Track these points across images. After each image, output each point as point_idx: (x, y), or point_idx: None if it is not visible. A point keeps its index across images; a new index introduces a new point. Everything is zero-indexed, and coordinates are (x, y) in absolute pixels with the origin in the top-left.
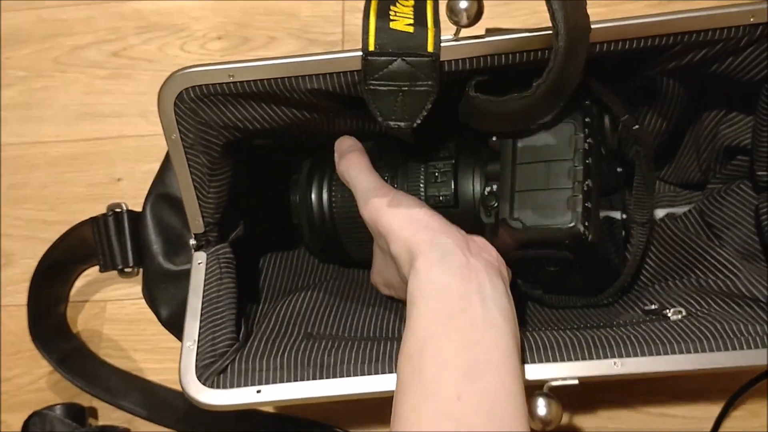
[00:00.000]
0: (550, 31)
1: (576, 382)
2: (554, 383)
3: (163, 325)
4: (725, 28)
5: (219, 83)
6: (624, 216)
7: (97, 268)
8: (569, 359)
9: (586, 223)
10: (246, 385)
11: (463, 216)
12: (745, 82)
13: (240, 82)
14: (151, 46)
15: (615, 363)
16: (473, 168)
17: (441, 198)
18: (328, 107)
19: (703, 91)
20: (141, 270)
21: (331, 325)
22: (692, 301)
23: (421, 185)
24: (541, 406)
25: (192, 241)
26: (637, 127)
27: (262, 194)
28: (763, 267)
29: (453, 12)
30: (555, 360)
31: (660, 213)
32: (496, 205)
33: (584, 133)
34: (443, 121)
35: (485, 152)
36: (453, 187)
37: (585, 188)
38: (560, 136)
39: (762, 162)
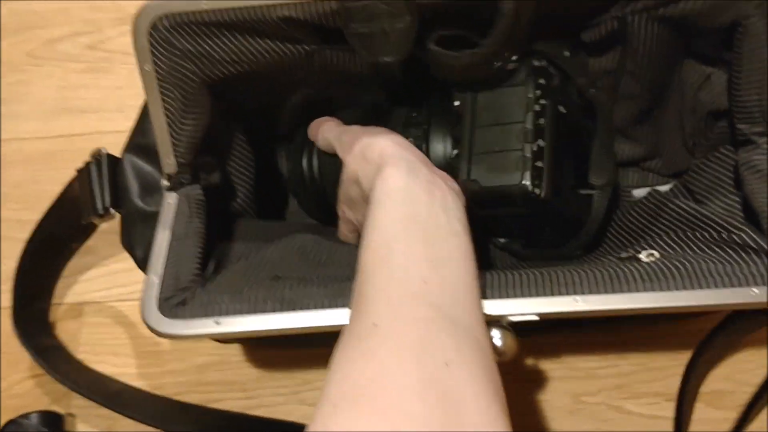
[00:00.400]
0: None
1: (536, 318)
2: (513, 318)
3: (138, 266)
4: None
5: (192, 11)
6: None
7: (73, 269)
8: (528, 295)
9: (537, 182)
10: (205, 316)
11: None
12: (718, 32)
13: (213, 10)
14: (129, 38)
15: (575, 299)
16: (443, 133)
17: None
18: (304, 40)
19: (677, 49)
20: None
21: (299, 270)
22: (667, 247)
23: None
24: (496, 338)
25: (164, 181)
26: (593, 90)
27: (240, 146)
28: (741, 216)
29: None
30: (514, 296)
31: (642, 192)
32: (459, 167)
33: (535, 94)
34: (415, 86)
35: (452, 116)
36: (425, 151)
37: (535, 148)
38: (514, 99)
39: (741, 114)
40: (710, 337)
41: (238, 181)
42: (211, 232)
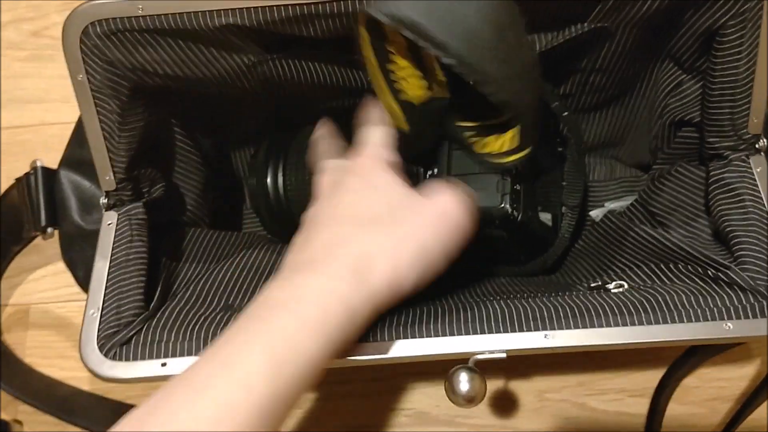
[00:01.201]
0: None
1: (504, 355)
2: (480, 357)
3: (81, 287)
4: None
5: (127, 17)
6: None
7: (18, 269)
8: (496, 331)
9: (515, 204)
10: (150, 357)
11: None
12: (696, 38)
13: (150, 16)
14: None
15: (546, 335)
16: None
17: None
18: (245, 50)
19: (653, 50)
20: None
21: (253, 295)
22: (636, 278)
23: None
24: (464, 381)
25: (103, 199)
26: (566, 114)
27: (186, 153)
28: (710, 244)
29: None
30: (482, 332)
31: (599, 213)
32: None
33: None
34: None
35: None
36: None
37: (514, 172)
38: None
39: (712, 126)
40: None
41: (185, 190)
42: (156, 254)
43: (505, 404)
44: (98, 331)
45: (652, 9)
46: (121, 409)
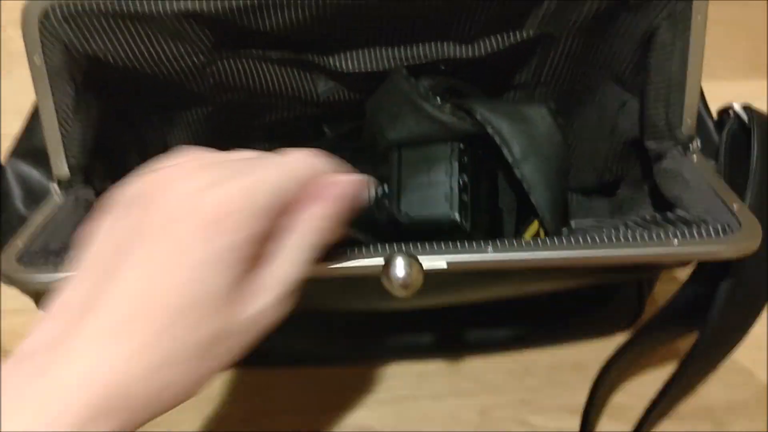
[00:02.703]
0: None
1: (444, 265)
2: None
3: None
4: None
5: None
6: None
7: None
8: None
9: (463, 213)
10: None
11: (362, 214)
12: (634, 54)
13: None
14: None
15: (487, 248)
16: (367, 172)
17: None
18: (199, 46)
19: (594, 65)
20: None
21: None
22: None
23: None
24: (400, 266)
25: (54, 185)
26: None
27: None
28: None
29: None
30: (425, 252)
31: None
32: (388, 203)
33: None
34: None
35: (377, 156)
36: None
37: (460, 183)
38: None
39: (650, 130)
40: (618, 353)
41: None
42: None
43: (447, 421)
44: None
45: (592, 12)
46: None
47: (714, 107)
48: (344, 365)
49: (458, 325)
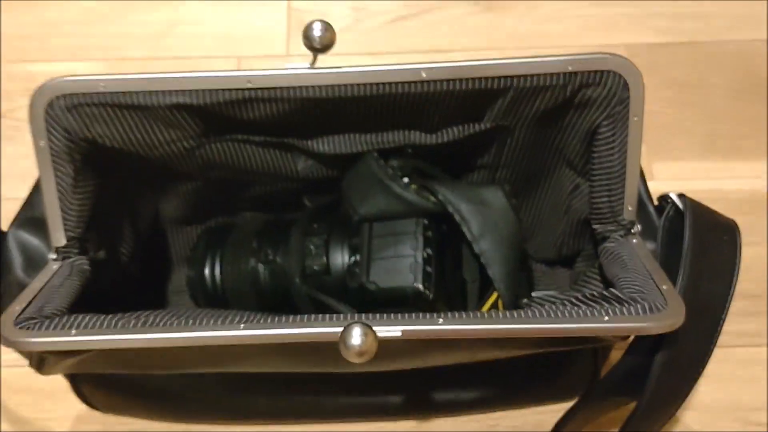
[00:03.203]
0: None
1: (399, 333)
2: (379, 334)
3: None
4: (546, 74)
5: (89, 92)
6: None
7: None
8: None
9: (426, 284)
10: (63, 328)
11: (334, 282)
12: (581, 144)
13: (109, 92)
14: None
15: (439, 320)
16: (342, 242)
17: (316, 267)
18: (189, 131)
19: (550, 150)
20: None
21: None
22: None
23: (300, 257)
24: (356, 335)
25: (51, 255)
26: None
27: (128, 227)
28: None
29: (307, 38)
30: (382, 323)
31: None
32: (358, 272)
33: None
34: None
35: (351, 228)
36: (325, 259)
37: (425, 255)
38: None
39: (595, 215)
40: (564, 418)
41: (122, 259)
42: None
43: None
44: (18, 315)
45: (541, 109)
46: None
47: (673, 185)
48: (311, 421)
49: (426, 387)
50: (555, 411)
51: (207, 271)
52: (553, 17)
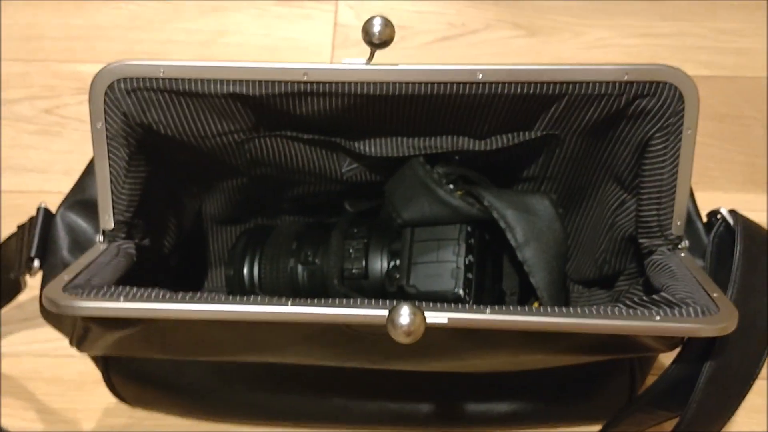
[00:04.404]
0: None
1: (445, 320)
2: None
3: None
4: (602, 82)
5: (149, 77)
6: None
7: None
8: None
9: (467, 290)
10: (111, 297)
11: (372, 286)
12: (631, 157)
13: (168, 78)
14: (85, 106)
15: (488, 309)
16: (381, 247)
17: (355, 271)
18: (241, 124)
19: (597, 164)
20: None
21: None
22: None
23: (339, 260)
24: (405, 315)
25: (99, 237)
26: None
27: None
28: None
29: (367, 33)
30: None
31: None
32: (398, 276)
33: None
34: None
35: (391, 233)
36: (364, 262)
37: (467, 262)
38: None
39: (643, 229)
40: (607, 426)
41: (164, 251)
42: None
43: None
44: (66, 282)
45: (594, 118)
46: None
47: None
48: (338, 427)
49: (458, 397)
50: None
51: (246, 270)
52: (597, 45)
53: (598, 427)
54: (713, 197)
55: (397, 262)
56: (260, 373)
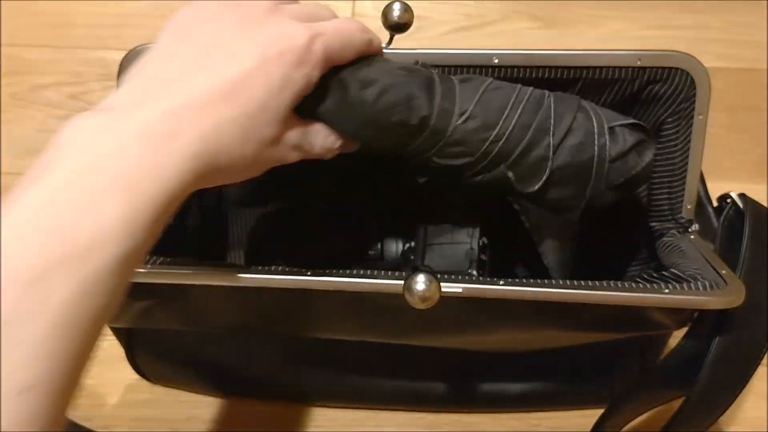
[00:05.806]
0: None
1: (460, 290)
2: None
3: None
4: (615, 67)
5: None
6: None
7: None
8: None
9: (480, 271)
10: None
11: (387, 268)
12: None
13: None
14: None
15: (501, 281)
16: (398, 229)
17: (371, 252)
18: None
19: None
20: None
21: None
22: None
23: (356, 242)
24: (421, 282)
25: None
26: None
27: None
28: None
29: (386, 17)
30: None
31: None
32: (413, 257)
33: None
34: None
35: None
36: (380, 245)
37: (480, 244)
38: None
39: (653, 212)
40: (609, 411)
41: (187, 231)
42: None
43: None
44: None
45: (607, 103)
46: None
47: None
48: (354, 406)
49: (472, 378)
50: (598, 415)
51: (265, 251)
52: (613, 37)
53: None
54: (726, 188)
55: (412, 243)
56: (280, 352)
